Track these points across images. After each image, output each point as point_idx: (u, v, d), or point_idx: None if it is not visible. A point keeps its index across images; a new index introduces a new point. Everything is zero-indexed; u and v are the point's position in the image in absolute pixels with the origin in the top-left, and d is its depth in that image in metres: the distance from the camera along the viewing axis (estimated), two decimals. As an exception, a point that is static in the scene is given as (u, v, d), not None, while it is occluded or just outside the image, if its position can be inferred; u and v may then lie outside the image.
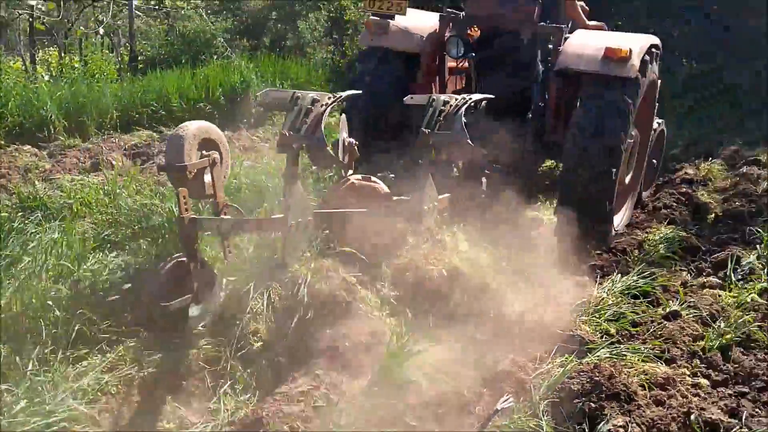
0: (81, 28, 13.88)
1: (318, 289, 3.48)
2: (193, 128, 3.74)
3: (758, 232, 5.10)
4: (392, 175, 4.58)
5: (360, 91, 4.50)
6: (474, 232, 4.16)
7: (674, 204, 6.37)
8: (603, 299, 4.12)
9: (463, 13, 5.60)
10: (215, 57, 13.22)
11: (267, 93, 3.92)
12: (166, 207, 4.79)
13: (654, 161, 6.71)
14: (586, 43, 5.11)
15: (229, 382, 3.28)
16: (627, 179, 5.68)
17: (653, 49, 5.43)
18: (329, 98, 3.63)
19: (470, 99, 4.15)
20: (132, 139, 9.27)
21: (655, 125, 6.31)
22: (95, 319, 3.63)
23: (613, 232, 5.26)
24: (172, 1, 15.06)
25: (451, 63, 5.76)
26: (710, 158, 8.42)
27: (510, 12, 5.38)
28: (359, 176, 4.28)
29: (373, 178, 4.27)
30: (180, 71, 11.43)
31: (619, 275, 4.45)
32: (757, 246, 4.87)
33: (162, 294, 3.49)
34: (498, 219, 4.32)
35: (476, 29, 5.35)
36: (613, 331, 3.82)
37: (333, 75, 14.41)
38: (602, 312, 3.97)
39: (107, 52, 14.10)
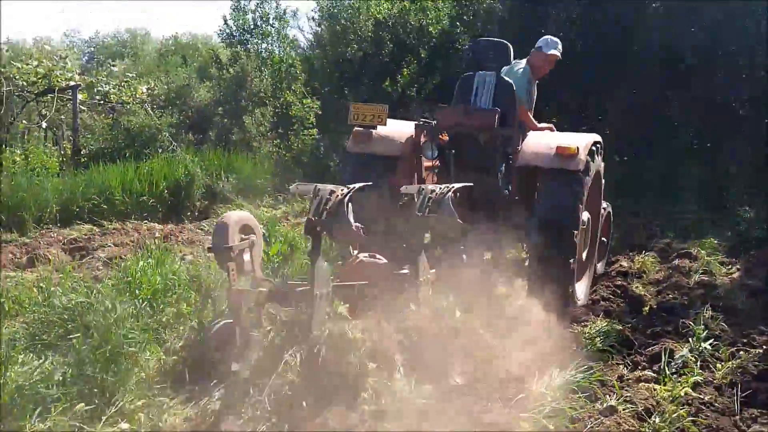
0: (23, 122, 13.83)
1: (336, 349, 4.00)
2: (235, 217, 4.59)
3: (690, 324, 5.24)
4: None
5: (369, 183, 4.86)
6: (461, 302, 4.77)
7: (611, 296, 6.54)
8: (542, 394, 4.14)
9: (434, 122, 6.46)
10: (160, 151, 13.28)
11: (297, 186, 4.56)
12: (102, 305, 4.69)
13: (604, 239, 7.68)
14: (541, 142, 6.15)
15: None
16: (584, 255, 6.63)
17: (596, 145, 6.40)
18: (342, 190, 4.30)
19: (453, 187, 4.97)
20: (72, 233, 9.16)
21: (602, 208, 7.30)
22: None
23: (578, 303, 6.17)
24: (116, 95, 15.19)
25: (426, 163, 6.49)
26: (644, 251, 8.72)
27: (473, 120, 6.28)
28: (366, 254, 5.06)
29: (377, 255, 5.04)
30: (124, 165, 11.44)
31: (558, 369, 4.49)
32: (690, 339, 5.00)
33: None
34: (478, 293, 4.95)
35: (446, 135, 6.37)
36: (552, 427, 3.82)
37: (278, 169, 14.58)
38: (541, 408, 3.99)
39: (50, 146, 14.03)
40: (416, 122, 6.49)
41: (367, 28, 16.59)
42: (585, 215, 6.24)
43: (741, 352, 4.74)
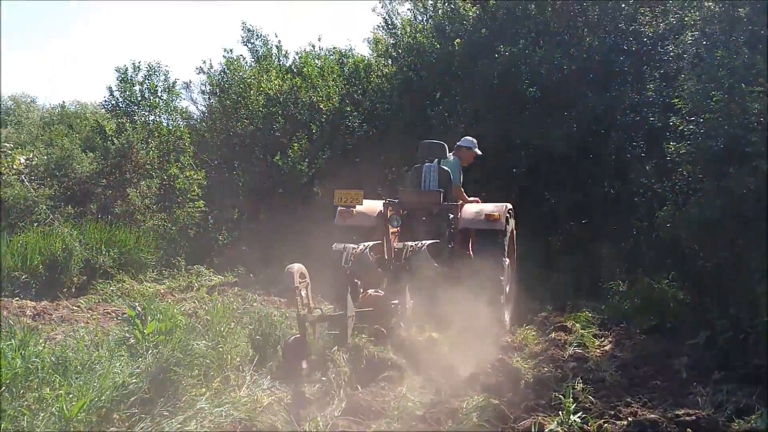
0: None
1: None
2: (296, 267, 6.46)
3: (562, 398, 5.39)
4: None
5: (378, 241, 7.84)
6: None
7: (490, 370, 6.66)
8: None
9: (397, 200, 8.85)
10: (36, 224, 12.68)
11: (335, 246, 7.46)
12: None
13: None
14: (473, 211, 8.99)
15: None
16: (507, 289, 9.19)
17: (510, 211, 9.28)
18: (362, 246, 7.59)
19: (426, 243, 7.93)
20: (-71, 311, 8.52)
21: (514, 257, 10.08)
22: None
23: (506, 328, 8.92)
24: (-9, 166, 14.50)
25: (392, 230, 8.24)
26: (525, 324, 9.00)
27: (425, 198, 8.93)
28: (372, 290, 7.40)
29: (379, 290, 7.43)
30: (-5, 239, 10.84)
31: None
32: (561, 412, 5.13)
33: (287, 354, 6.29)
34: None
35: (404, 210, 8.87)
36: None
37: (164, 242, 14.20)
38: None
39: None
40: (383, 201, 8.33)
41: (258, 102, 16.72)
42: (506, 261, 8.98)
43: (607, 425, 4.90)
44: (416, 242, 7.89)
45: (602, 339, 8.16)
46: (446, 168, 9.12)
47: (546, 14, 13.42)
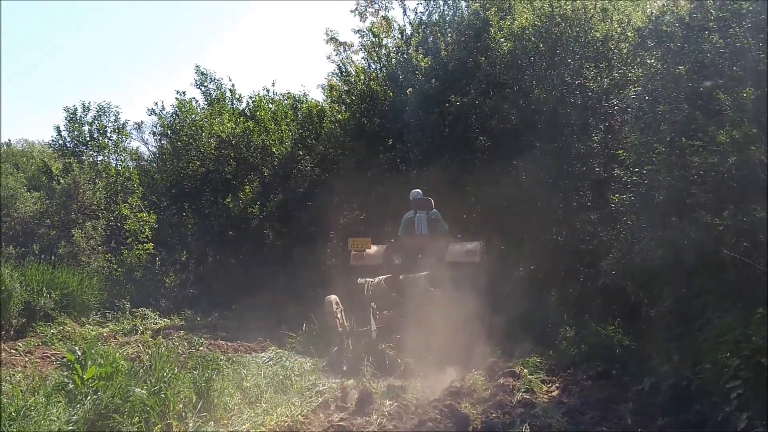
0: None
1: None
2: (333, 297, 9.87)
3: (509, 444, 5.39)
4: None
5: (389, 275, 10.77)
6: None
7: (438, 417, 6.63)
8: None
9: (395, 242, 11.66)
10: (-26, 266, 12.27)
11: (359, 280, 10.47)
12: None
13: None
14: (456, 248, 10.95)
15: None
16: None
17: (482, 245, 11.09)
18: (378, 278, 10.39)
19: (423, 273, 10.37)
20: None
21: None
22: None
23: None
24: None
25: (397, 262, 11.10)
26: (474, 369, 9.00)
27: (420, 242, 11.24)
28: (386, 311, 10.36)
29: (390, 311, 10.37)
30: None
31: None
32: (508, 458, 5.13)
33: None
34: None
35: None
36: None
37: (109, 284, 13.89)
38: None
39: None
40: (386, 245, 11.52)
41: (209, 144, 16.65)
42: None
43: (553, 471, 4.91)
44: (417, 274, 10.45)
45: (550, 385, 8.20)
46: (434, 218, 11.46)
47: (496, 67, 13.75)
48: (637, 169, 8.31)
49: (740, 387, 5.48)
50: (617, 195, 8.59)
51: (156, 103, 19.16)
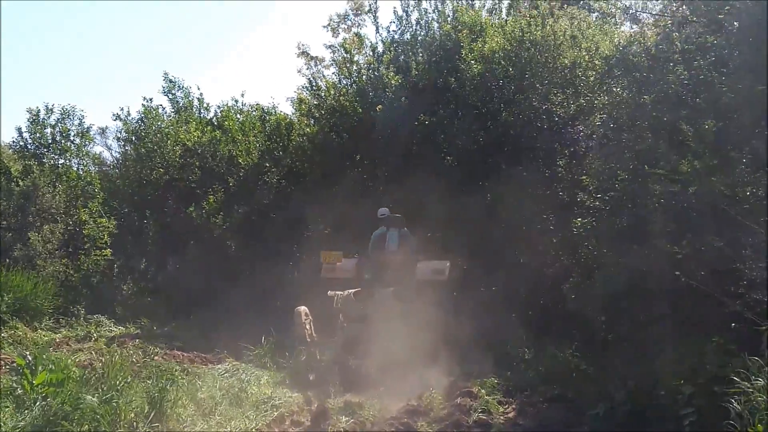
0: None
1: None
2: (302, 308, 10.47)
3: (464, 464, 5.37)
4: None
5: (359, 289, 10.96)
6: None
7: (394, 435, 6.59)
8: None
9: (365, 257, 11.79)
10: (-76, 265, 11.94)
11: (329, 293, 10.83)
12: None
13: None
14: (425, 267, 11.13)
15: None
16: None
17: (450, 265, 11.27)
18: (347, 292, 10.61)
19: (391, 289, 10.73)
20: None
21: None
22: None
23: None
24: None
25: (367, 276, 11.33)
26: (432, 388, 8.97)
27: (390, 257, 11.44)
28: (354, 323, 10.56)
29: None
30: None
31: None
32: (462, 479, 5.10)
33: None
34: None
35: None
36: None
37: (64, 289, 13.60)
38: None
39: None
40: (357, 259, 11.71)
41: (174, 152, 16.48)
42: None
43: (507, 493, 4.90)
44: (384, 290, 10.75)
45: (507, 406, 8.20)
46: (405, 235, 11.70)
47: (465, 88, 13.87)
48: (599, 195, 8.42)
49: (693, 414, 5.55)
50: (579, 220, 8.69)
51: (122, 109, 18.87)
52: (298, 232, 15.24)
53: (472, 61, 13.71)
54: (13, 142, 16.93)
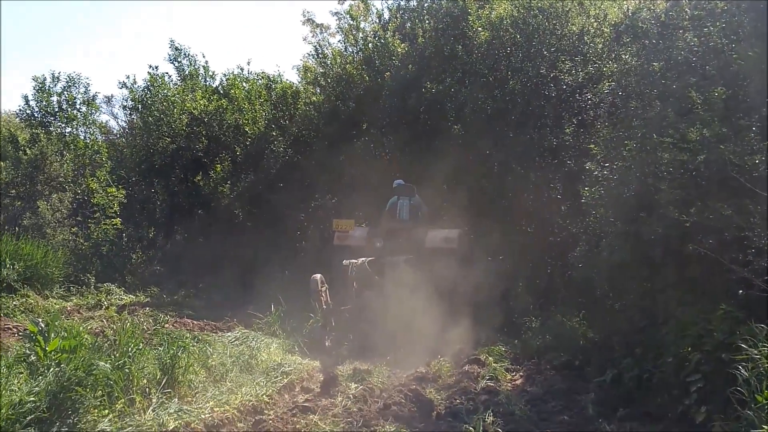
0: None
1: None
2: (318, 276, 10.13)
3: (472, 430, 5.44)
4: None
5: (372, 258, 11.09)
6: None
7: (403, 401, 6.67)
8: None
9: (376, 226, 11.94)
10: (-65, 233, 12.03)
11: (344, 262, 10.82)
12: None
13: None
14: (435, 235, 11.28)
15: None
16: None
17: (461, 234, 11.46)
18: (362, 260, 10.84)
19: (404, 258, 10.83)
20: None
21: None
22: None
23: None
24: None
25: (378, 244, 11.33)
26: (440, 356, 9.06)
27: (402, 226, 11.57)
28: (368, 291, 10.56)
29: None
30: None
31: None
32: (470, 444, 5.18)
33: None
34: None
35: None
36: None
37: (74, 258, 13.70)
38: None
39: None
40: (368, 228, 11.97)
41: (181, 121, 16.45)
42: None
43: (516, 457, 4.97)
44: (398, 257, 10.87)
45: (514, 373, 8.29)
46: (416, 204, 11.80)
47: (472, 56, 13.77)
48: (607, 164, 8.38)
49: (700, 381, 5.59)
50: (587, 188, 8.67)
51: (128, 77, 18.87)
52: (305, 201, 15.27)
53: (479, 28, 13.59)
54: (20, 110, 16.95)
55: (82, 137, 16.96)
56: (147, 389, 5.90)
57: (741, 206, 6.03)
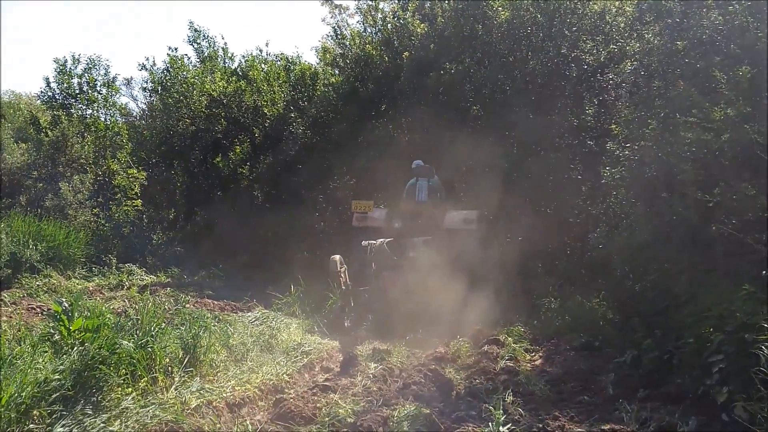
0: None
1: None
2: (337, 257, 10.14)
3: (492, 409, 5.45)
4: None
5: (391, 239, 11.04)
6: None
7: (422, 380, 6.69)
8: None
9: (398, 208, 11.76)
10: (-40, 214, 12.21)
11: (363, 243, 10.87)
12: None
13: None
14: (454, 216, 11.12)
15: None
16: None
17: (480, 215, 11.37)
18: (380, 241, 10.84)
19: (423, 238, 10.72)
20: None
21: None
22: None
23: None
24: None
25: (397, 225, 11.26)
26: (459, 336, 9.08)
27: (420, 207, 11.41)
28: (387, 272, 10.44)
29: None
30: None
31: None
32: (491, 423, 5.19)
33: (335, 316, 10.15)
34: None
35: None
36: None
37: (95, 239, 13.84)
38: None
39: None
40: (387, 209, 11.82)
41: (200, 103, 16.50)
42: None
43: (535, 436, 4.98)
44: (417, 239, 10.80)
45: (533, 354, 8.28)
46: (435, 186, 11.69)
47: (492, 36, 13.65)
48: (629, 144, 8.31)
49: (722, 361, 5.54)
50: (608, 169, 8.60)
51: (147, 59, 18.93)
52: (324, 183, 15.28)
53: (500, 8, 13.45)
54: (42, 92, 17.07)
55: (103, 119, 17.07)
56: (169, 368, 5.97)
57: (765, 186, 5.96)
